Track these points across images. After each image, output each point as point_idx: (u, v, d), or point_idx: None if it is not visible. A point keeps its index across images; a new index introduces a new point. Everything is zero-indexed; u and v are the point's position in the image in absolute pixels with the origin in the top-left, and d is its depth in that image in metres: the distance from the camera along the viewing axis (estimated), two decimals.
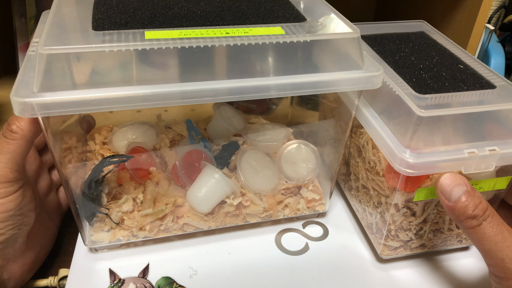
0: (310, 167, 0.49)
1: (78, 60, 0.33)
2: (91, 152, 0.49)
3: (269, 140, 0.51)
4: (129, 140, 0.48)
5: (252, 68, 0.37)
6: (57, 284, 0.44)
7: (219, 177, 0.44)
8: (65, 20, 0.37)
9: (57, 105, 0.31)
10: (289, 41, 0.36)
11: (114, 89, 0.32)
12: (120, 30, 0.34)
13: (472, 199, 0.35)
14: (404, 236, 0.44)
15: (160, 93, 0.33)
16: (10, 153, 0.37)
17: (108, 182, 0.45)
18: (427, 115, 0.36)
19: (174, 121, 0.53)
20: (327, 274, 0.45)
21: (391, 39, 0.48)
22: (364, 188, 0.47)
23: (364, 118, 0.42)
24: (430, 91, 0.38)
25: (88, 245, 0.45)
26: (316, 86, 0.36)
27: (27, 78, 0.32)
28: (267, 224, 0.50)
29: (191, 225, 0.46)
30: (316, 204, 0.50)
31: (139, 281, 0.43)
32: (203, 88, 0.34)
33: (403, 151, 0.37)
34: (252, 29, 0.36)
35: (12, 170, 0.37)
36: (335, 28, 0.39)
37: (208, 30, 0.36)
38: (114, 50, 0.32)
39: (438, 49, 0.46)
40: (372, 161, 0.44)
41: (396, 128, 0.39)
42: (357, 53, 0.38)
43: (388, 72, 0.41)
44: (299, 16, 0.40)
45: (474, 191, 0.36)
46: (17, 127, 0.36)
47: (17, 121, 0.36)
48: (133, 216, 0.45)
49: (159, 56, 0.34)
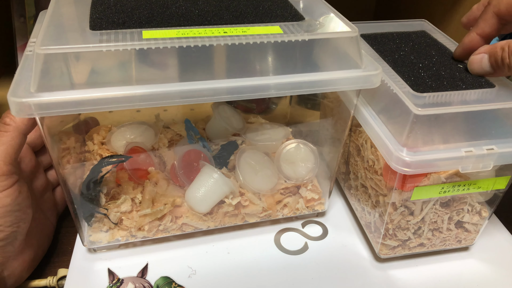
0: (309, 167, 0.49)
1: (75, 60, 0.33)
2: (90, 152, 0.48)
3: (268, 139, 0.51)
4: (127, 140, 0.48)
5: (251, 68, 0.37)
6: (56, 284, 0.43)
7: (217, 177, 0.44)
8: (63, 19, 0.37)
9: (54, 105, 0.31)
10: (288, 40, 0.36)
11: (112, 89, 0.32)
12: (118, 30, 0.34)
13: None
14: (402, 236, 0.44)
15: (159, 93, 0.33)
16: (3, 145, 0.37)
17: (107, 182, 0.45)
18: (424, 114, 0.36)
19: (172, 121, 0.53)
20: (326, 274, 0.45)
21: (391, 38, 0.48)
22: (363, 187, 0.47)
23: (363, 117, 0.42)
24: (428, 90, 0.38)
25: (86, 246, 0.45)
26: (315, 85, 0.36)
27: (25, 78, 0.32)
28: (266, 223, 0.50)
29: (190, 225, 0.46)
30: (315, 203, 0.50)
31: (138, 281, 0.43)
32: (201, 88, 0.34)
33: (400, 150, 0.37)
34: (250, 28, 0.36)
35: (6, 162, 0.37)
36: (334, 27, 0.39)
37: (206, 29, 0.35)
38: (112, 50, 0.32)
39: (438, 48, 0.46)
40: (370, 159, 0.44)
41: (393, 126, 0.39)
42: (356, 52, 0.38)
43: (387, 71, 0.41)
44: (297, 15, 0.39)
45: (493, 46, 0.38)
46: (10, 119, 0.37)
47: (10, 113, 0.37)
48: (132, 216, 0.45)
49: (157, 56, 0.34)
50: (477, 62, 0.39)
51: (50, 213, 0.47)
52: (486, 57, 0.38)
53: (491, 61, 0.38)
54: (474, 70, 0.40)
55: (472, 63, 0.40)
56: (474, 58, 0.39)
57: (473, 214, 0.44)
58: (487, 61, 0.38)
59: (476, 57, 0.39)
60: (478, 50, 0.39)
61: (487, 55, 0.38)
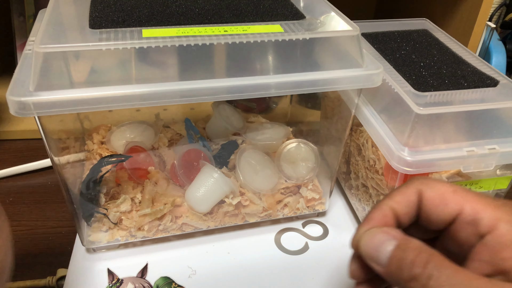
0: (309, 166, 0.49)
1: (74, 58, 0.33)
2: (89, 151, 0.48)
3: (268, 139, 0.51)
4: (127, 140, 0.48)
5: (251, 67, 0.37)
6: (55, 284, 0.43)
7: (218, 176, 0.44)
8: (62, 18, 0.37)
9: (53, 104, 0.31)
10: (288, 39, 0.35)
11: (112, 88, 0.32)
12: (117, 28, 0.34)
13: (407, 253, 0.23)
14: None
15: (158, 92, 0.33)
16: None
17: (106, 182, 0.44)
18: (425, 113, 0.36)
19: (172, 120, 0.52)
20: (326, 274, 0.44)
21: (392, 37, 0.48)
22: (364, 186, 0.47)
23: (364, 116, 0.42)
24: (430, 89, 0.38)
25: (86, 246, 0.45)
26: (316, 84, 0.36)
27: (24, 77, 0.32)
28: (267, 223, 0.50)
29: (190, 225, 0.46)
30: (315, 203, 0.50)
31: (137, 281, 0.43)
32: (201, 87, 0.33)
33: (401, 149, 0.36)
34: (250, 27, 0.36)
35: None
36: (335, 26, 0.39)
37: (206, 28, 0.35)
38: (111, 49, 0.32)
39: (440, 47, 0.46)
40: (371, 159, 0.44)
41: (395, 126, 0.38)
42: (357, 51, 0.38)
43: (388, 70, 0.41)
44: (298, 14, 0.39)
45: (408, 240, 0.23)
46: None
47: None
48: (132, 216, 0.44)
49: (157, 55, 0.34)
50: (375, 243, 0.24)
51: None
52: (393, 245, 0.23)
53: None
54: (366, 249, 0.25)
55: (369, 240, 0.25)
56: (375, 237, 0.24)
57: None
58: (389, 251, 0.23)
59: (379, 237, 0.24)
60: (387, 230, 0.24)
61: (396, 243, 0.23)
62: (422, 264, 0.21)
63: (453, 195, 0.24)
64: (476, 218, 0.22)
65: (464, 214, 0.23)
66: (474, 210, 0.23)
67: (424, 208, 0.25)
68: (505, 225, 0.21)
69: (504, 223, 0.21)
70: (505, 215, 0.22)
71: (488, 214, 0.22)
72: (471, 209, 0.23)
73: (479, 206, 0.23)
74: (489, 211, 0.22)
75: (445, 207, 0.24)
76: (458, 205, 0.23)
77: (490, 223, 0.22)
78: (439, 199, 0.24)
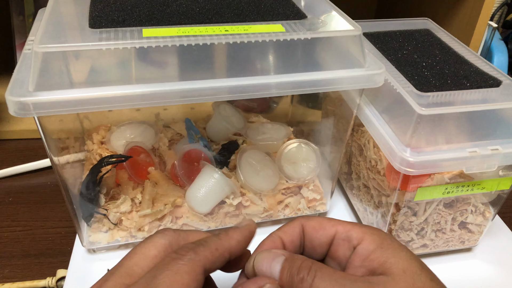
0: (310, 167, 0.49)
1: (74, 58, 0.32)
2: (89, 151, 0.48)
3: (269, 139, 0.51)
4: (127, 140, 0.48)
5: (252, 66, 0.36)
6: (55, 284, 0.43)
7: (218, 177, 0.44)
8: (62, 17, 0.37)
9: (53, 105, 0.31)
10: (290, 38, 0.35)
11: (112, 88, 0.32)
12: (118, 28, 0.34)
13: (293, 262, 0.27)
14: (405, 236, 0.43)
15: (159, 92, 0.32)
16: None
17: (106, 183, 0.44)
18: (428, 113, 0.35)
19: (173, 120, 0.52)
20: None
21: (394, 37, 0.48)
22: (365, 187, 0.47)
23: (365, 116, 0.42)
24: (432, 89, 0.37)
25: (86, 246, 0.45)
26: (317, 84, 0.36)
27: (23, 77, 0.32)
28: (268, 224, 0.50)
29: (190, 225, 0.46)
30: (317, 204, 0.49)
31: None
32: (202, 87, 0.33)
33: (404, 150, 0.36)
34: (252, 26, 0.36)
35: None
36: (336, 25, 0.38)
37: (207, 27, 0.35)
38: (111, 48, 0.32)
39: (442, 47, 0.46)
40: (373, 159, 0.44)
41: (397, 126, 0.38)
42: (359, 51, 0.37)
43: (390, 70, 0.41)
44: (299, 14, 0.39)
45: (294, 255, 0.28)
46: None
47: None
48: (132, 216, 0.44)
49: (158, 54, 0.34)
50: (268, 260, 0.28)
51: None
52: (282, 259, 0.28)
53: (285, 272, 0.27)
54: (260, 266, 0.29)
55: (262, 259, 0.29)
56: (268, 255, 0.28)
57: (476, 215, 0.43)
58: (280, 263, 0.27)
59: (270, 255, 0.28)
60: (275, 250, 0.29)
61: (285, 257, 0.28)
62: (307, 268, 0.26)
63: (328, 221, 0.29)
64: (348, 235, 0.28)
65: (339, 233, 0.29)
66: (346, 228, 0.28)
67: (307, 236, 0.30)
68: (369, 236, 0.27)
69: (368, 235, 0.27)
70: (369, 230, 0.28)
71: (357, 230, 0.28)
72: (344, 228, 0.28)
73: (349, 226, 0.28)
74: (357, 228, 0.28)
75: (324, 231, 0.29)
76: (333, 227, 0.29)
77: (359, 236, 0.27)
78: (318, 225, 0.29)
